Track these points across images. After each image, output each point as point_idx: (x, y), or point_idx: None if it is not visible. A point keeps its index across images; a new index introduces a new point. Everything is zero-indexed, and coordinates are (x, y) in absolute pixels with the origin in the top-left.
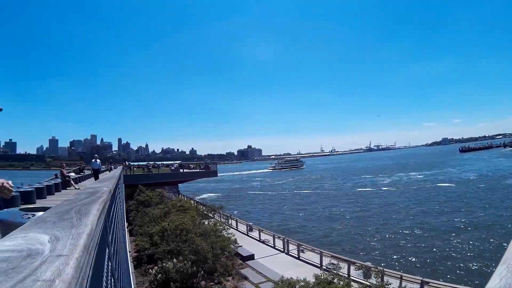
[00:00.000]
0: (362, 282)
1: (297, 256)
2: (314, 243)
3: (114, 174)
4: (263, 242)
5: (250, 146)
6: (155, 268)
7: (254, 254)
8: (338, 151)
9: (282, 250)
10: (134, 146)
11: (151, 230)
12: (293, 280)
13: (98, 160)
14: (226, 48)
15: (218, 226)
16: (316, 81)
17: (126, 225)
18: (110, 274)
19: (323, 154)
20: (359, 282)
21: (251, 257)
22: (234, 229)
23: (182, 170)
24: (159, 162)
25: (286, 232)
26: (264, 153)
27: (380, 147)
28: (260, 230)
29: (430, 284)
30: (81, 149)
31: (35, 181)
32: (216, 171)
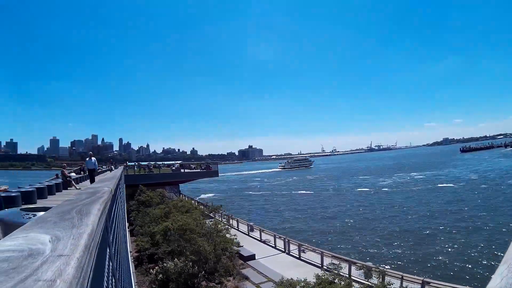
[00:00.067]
0: (363, 282)
1: (298, 256)
2: (315, 243)
3: (115, 174)
4: (264, 242)
5: (251, 146)
6: (156, 268)
7: (255, 254)
8: (339, 151)
9: (283, 250)
10: (135, 146)
11: (153, 229)
12: (294, 280)
13: (94, 158)
14: (227, 48)
15: (221, 227)
16: (317, 81)
17: (127, 225)
18: (111, 274)
19: (324, 154)
20: (360, 282)
21: (252, 257)
22: (235, 229)
23: (183, 170)
24: (160, 162)
25: (288, 232)
26: (265, 153)
27: (381, 147)
28: (261, 230)
29: (431, 284)
30: (82, 149)
31: (36, 181)
32: (217, 171)
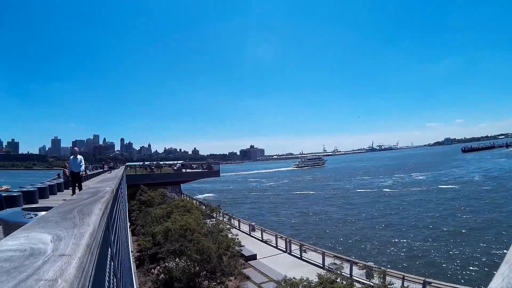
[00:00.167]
0: (365, 282)
1: (299, 256)
2: (316, 243)
3: (116, 174)
4: (266, 242)
5: (252, 146)
6: (158, 268)
7: (256, 254)
8: (340, 151)
9: (285, 250)
10: (137, 146)
11: (154, 229)
12: (295, 280)
13: (80, 157)
14: (228, 48)
15: (222, 226)
16: (317, 81)
17: (128, 224)
18: (112, 274)
19: (326, 154)
20: (362, 282)
21: (254, 257)
22: (237, 229)
23: (184, 170)
24: (162, 162)
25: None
26: (266, 153)
27: (382, 147)
28: (262, 230)
29: (432, 284)
30: (83, 149)
31: (38, 180)
32: (218, 171)
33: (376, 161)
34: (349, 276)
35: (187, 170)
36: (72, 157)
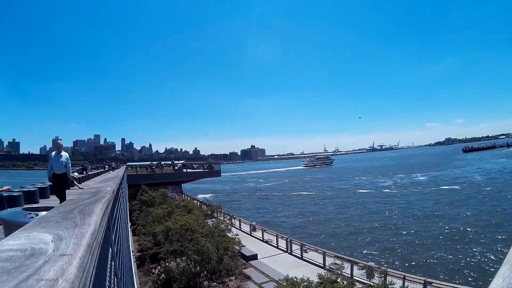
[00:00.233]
0: (365, 282)
1: (300, 256)
2: (317, 243)
3: (117, 174)
4: (267, 242)
5: (253, 146)
6: (158, 267)
7: (257, 254)
8: (341, 151)
9: (285, 250)
10: (138, 146)
11: (155, 229)
12: (296, 280)
13: (65, 153)
14: (228, 48)
15: (223, 227)
16: (318, 81)
17: (129, 224)
18: (113, 274)
19: (327, 154)
20: (362, 282)
21: (254, 257)
22: (238, 229)
23: (185, 170)
24: (163, 162)
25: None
26: (267, 153)
27: (383, 147)
28: (263, 230)
29: (433, 284)
30: (84, 149)
31: (39, 180)
32: (219, 171)
33: (377, 161)
34: (349, 276)
35: (188, 170)
36: (54, 153)
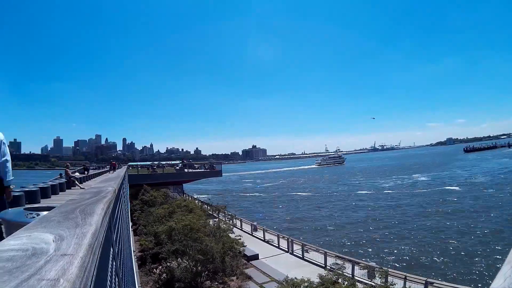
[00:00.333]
0: (367, 282)
1: (301, 256)
2: (318, 243)
3: (118, 174)
4: (268, 242)
5: (254, 146)
6: (160, 267)
7: (258, 254)
8: (342, 151)
9: (287, 250)
10: (139, 146)
11: (157, 229)
12: (297, 280)
13: (4, 148)
14: (230, 48)
15: (226, 227)
16: (318, 81)
17: (130, 224)
18: (114, 274)
19: (328, 154)
20: (364, 282)
21: (256, 257)
22: (239, 228)
23: (186, 170)
24: (164, 162)
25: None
26: (268, 153)
27: (384, 147)
28: (264, 230)
29: (434, 284)
30: (85, 149)
31: (40, 180)
32: (220, 171)
33: (377, 161)
34: (351, 276)
35: (189, 170)
36: None
